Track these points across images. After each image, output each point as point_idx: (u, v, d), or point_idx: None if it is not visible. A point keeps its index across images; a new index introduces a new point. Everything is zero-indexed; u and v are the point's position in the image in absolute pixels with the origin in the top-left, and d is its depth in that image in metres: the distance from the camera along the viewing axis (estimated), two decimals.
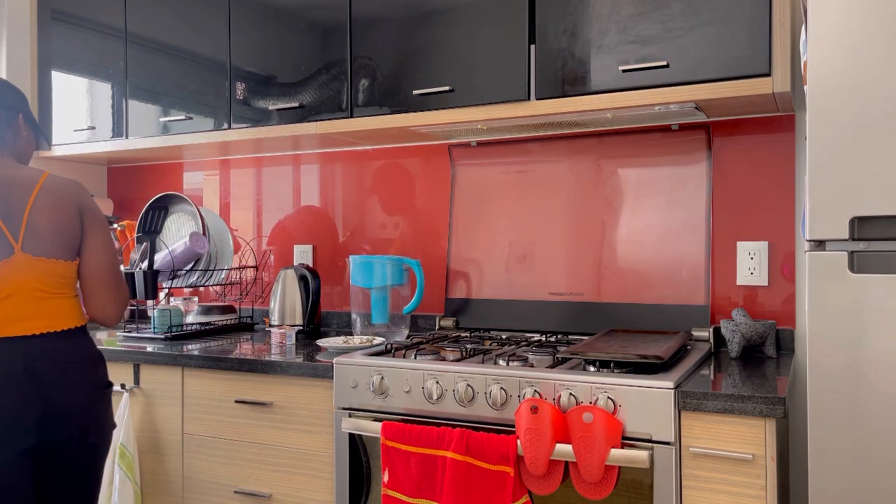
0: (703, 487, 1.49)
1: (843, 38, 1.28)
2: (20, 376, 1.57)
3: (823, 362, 1.30)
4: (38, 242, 1.62)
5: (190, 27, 2.47)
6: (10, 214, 1.60)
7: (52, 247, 1.63)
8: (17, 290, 1.60)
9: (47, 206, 1.64)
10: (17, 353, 1.58)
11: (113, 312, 1.74)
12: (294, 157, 2.75)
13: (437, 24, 2.06)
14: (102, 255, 1.71)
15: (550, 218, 2.27)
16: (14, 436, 1.57)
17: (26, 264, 1.60)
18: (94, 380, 1.69)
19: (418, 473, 1.66)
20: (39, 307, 1.62)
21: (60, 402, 1.61)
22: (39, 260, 1.61)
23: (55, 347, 1.63)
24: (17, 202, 1.62)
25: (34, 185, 1.65)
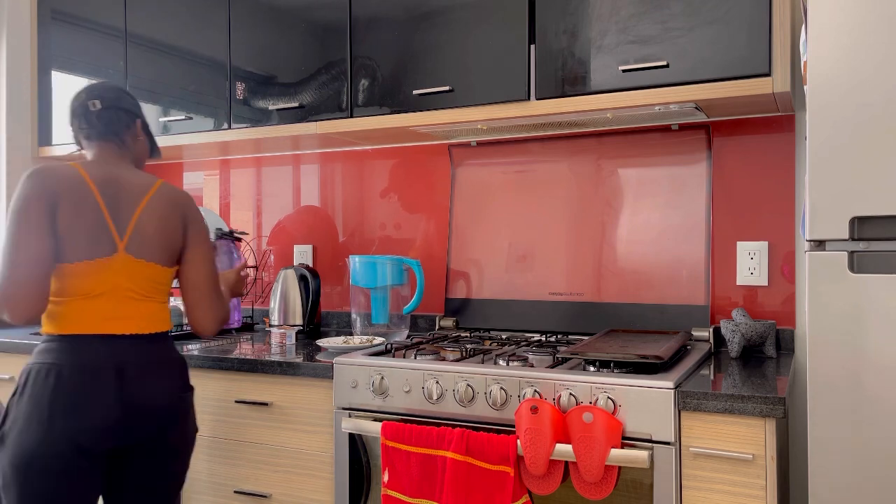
0: (703, 487, 1.49)
1: (842, 37, 1.28)
2: (109, 374, 1.60)
3: (823, 362, 1.29)
4: (142, 245, 1.66)
5: (190, 27, 2.47)
6: (120, 215, 1.66)
7: (154, 251, 1.68)
8: (113, 288, 1.63)
9: (156, 212, 1.69)
10: (107, 352, 1.61)
11: (213, 325, 1.78)
12: (294, 157, 2.75)
13: (437, 24, 2.06)
14: (205, 266, 1.77)
15: (550, 218, 2.27)
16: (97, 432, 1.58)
17: (126, 265, 1.65)
18: (177, 385, 1.71)
19: (418, 473, 1.66)
20: (131, 308, 1.66)
21: (143, 402, 1.64)
22: (139, 262, 1.66)
23: (141, 349, 1.66)
24: (129, 204, 1.67)
25: (148, 190, 1.71)
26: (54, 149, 2.80)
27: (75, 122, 1.75)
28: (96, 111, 1.73)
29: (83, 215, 1.61)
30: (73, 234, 1.60)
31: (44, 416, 1.55)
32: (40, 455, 1.54)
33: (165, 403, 1.67)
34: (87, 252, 1.61)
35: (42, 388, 1.57)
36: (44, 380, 1.57)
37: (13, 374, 2.39)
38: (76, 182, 1.63)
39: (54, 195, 1.60)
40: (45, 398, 1.56)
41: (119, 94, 1.78)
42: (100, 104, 1.73)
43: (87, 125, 1.73)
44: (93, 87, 1.76)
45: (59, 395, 1.56)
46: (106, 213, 1.64)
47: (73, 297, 1.61)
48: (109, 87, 1.78)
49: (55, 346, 1.60)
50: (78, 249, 1.60)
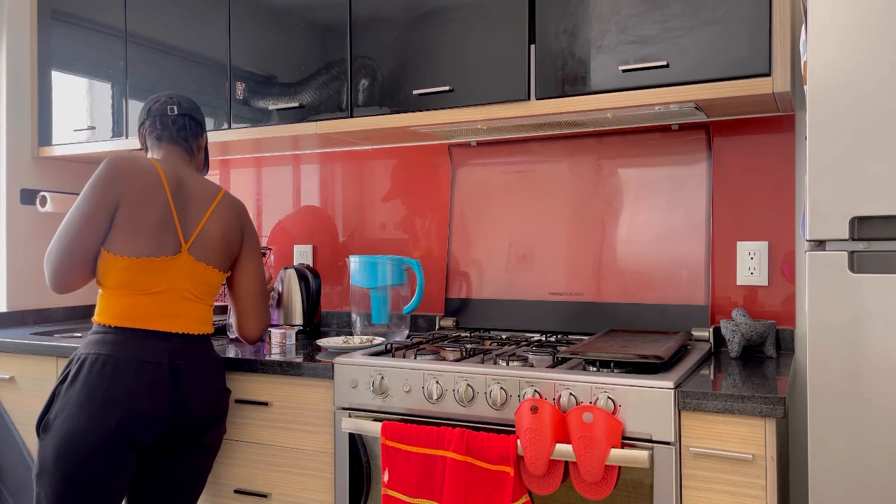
0: (703, 487, 1.49)
1: (843, 38, 1.28)
2: (164, 370, 1.66)
3: (823, 362, 1.29)
4: (204, 249, 1.75)
5: (190, 27, 2.47)
6: (189, 217, 1.74)
7: (215, 256, 1.77)
8: (172, 286, 1.70)
9: (221, 219, 1.79)
10: (164, 349, 1.68)
11: (259, 332, 1.90)
12: (294, 157, 2.75)
13: (437, 24, 2.06)
14: (257, 276, 1.87)
15: (550, 218, 2.27)
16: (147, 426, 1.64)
17: (188, 265, 1.72)
18: (218, 384, 1.78)
19: (418, 473, 1.66)
20: (186, 307, 1.73)
21: (192, 399, 1.70)
22: (199, 265, 1.74)
23: (193, 348, 1.73)
24: (197, 209, 1.76)
25: (215, 197, 1.81)
26: (54, 149, 2.80)
27: (149, 121, 1.83)
28: (173, 115, 1.82)
29: (151, 211, 1.68)
30: (138, 229, 1.66)
31: (97, 405, 1.59)
32: (87, 443, 1.57)
33: (210, 402, 1.74)
34: (153, 249, 1.67)
35: (97, 377, 1.60)
36: (100, 369, 1.61)
37: (13, 374, 2.39)
38: (151, 176, 1.70)
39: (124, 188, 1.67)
40: (100, 387, 1.60)
41: (196, 106, 1.90)
42: (177, 109, 1.83)
43: (161, 127, 1.82)
44: (173, 94, 1.87)
45: (114, 386, 1.60)
46: (175, 214, 1.71)
47: (134, 291, 1.67)
48: (188, 98, 1.89)
49: (111, 339, 1.65)
50: (144, 245, 1.66)
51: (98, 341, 1.65)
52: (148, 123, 1.84)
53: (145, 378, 1.63)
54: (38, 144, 2.85)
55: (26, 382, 2.36)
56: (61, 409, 1.60)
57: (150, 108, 1.84)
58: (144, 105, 1.88)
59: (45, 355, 2.31)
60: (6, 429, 2.40)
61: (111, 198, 1.66)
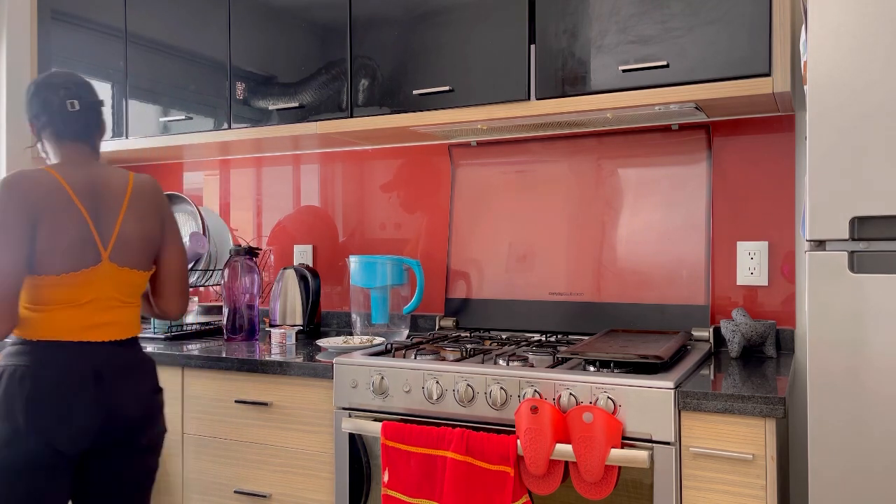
0: (703, 487, 1.49)
1: (843, 38, 1.28)
2: (87, 379, 1.59)
3: (823, 362, 1.29)
4: (125, 253, 1.65)
5: (190, 27, 2.47)
6: (103, 223, 1.63)
7: (136, 258, 1.67)
8: (98, 296, 1.62)
9: (137, 216, 1.68)
10: (87, 359, 1.60)
11: (182, 309, 1.82)
12: (294, 157, 2.75)
13: (437, 24, 2.06)
14: (180, 261, 1.78)
15: (550, 218, 2.27)
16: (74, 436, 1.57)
17: (110, 273, 1.63)
18: (149, 385, 1.71)
19: (418, 473, 1.66)
20: (112, 315, 1.65)
21: (119, 405, 1.63)
22: (123, 270, 1.65)
23: (119, 354, 1.65)
24: (111, 210, 1.65)
25: (125, 191, 1.68)
26: None
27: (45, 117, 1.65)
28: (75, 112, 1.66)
29: (67, 228, 1.57)
30: (57, 247, 1.56)
31: (18, 418, 1.52)
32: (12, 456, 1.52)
33: (140, 406, 1.67)
34: (73, 264, 1.58)
35: (17, 390, 1.53)
36: (18, 382, 1.54)
37: None
38: (56, 192, 1.58)
39: (35, 208, 1.55)
40: (18, 401, 1.53)
41: (93, 92, 1.71)
42: (78, 105, 1.67)
43: (63, 124, 1.66)
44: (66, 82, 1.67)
45: (35, 399, 1.53)
46: (90, 223, 1.60)
47: (55, 305, 1.58)
48: (82, 83, 1.70)
49: (30, 350, 1.57)
50: (62, 261, 1.57)
51: (17, 353, 1.58)
52: (45, 119, 1.66)
53: (68, 389, 1.56)
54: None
55: None
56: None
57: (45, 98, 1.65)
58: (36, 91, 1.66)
59: None
60: None
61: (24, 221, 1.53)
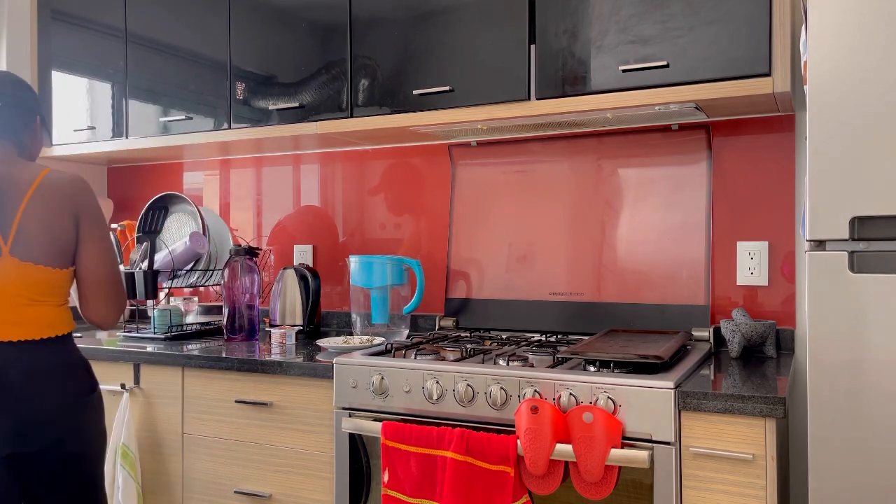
0: (703, 487, 1.49)
1: (842, 38, 1.28)
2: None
3: (823, 362, 1.29)
4: (27, 247, 1.55)
5: (190, 27, 2.47)
6: (4, 216, 1.55)
7: (42, 253, 1.57)
8: (2, 293, 1.54)
9: (40, 210, 1.57)
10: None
11: (109, 318, 1.69)
12: (294, 157, 2.75)
13: (437, 24, 2.06)
14: (101, 264, 1.65)
15: (550, 218, 2.27)
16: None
17: (13, 268, 1.54)
18: (72, 388, 1.61)
19: (418, 473, 1.66)
20: (19, 314, 1.56)
21: (31, 412, 1.55)
22: (26, 265, 1.55)
23: (29, 356, 1.56)
24: (11, 203, 1.56)
25: (30, 185, 1.57)
26: (54, 149, 2.80)
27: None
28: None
29: None
30: None
31: None
32: None
33: (55, 410, 1.57)
34: None
35: None
36: None
37: None
38: None
39: None
40: None
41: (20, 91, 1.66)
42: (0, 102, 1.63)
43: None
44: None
45: None
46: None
47: None
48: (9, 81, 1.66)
49: None
50: None
51: None
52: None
53: None
54: None
55: None
56: None
57: None
58: None
59: None
60: None
61: None
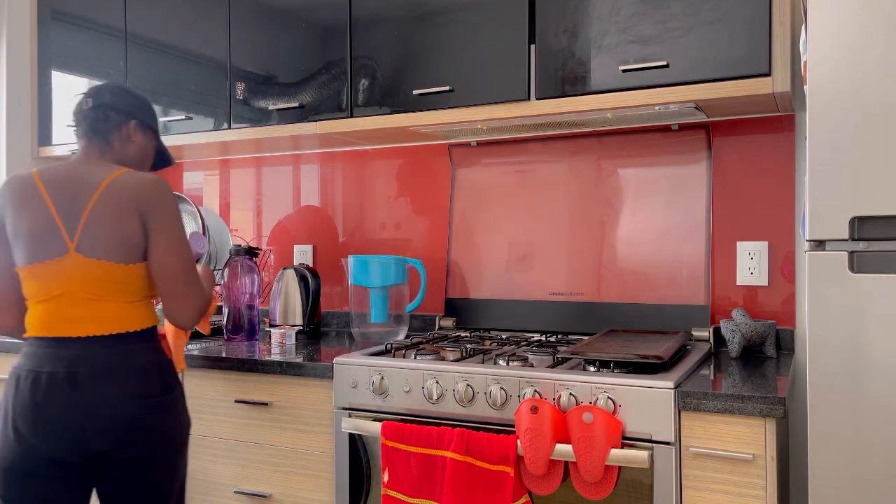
0: (703, 487, 1.49)
1: (842, 38, 1.28)
2: (60, 380, 1.54)
3: (823, 362, 1.29)
4: (94, 244, 1.57)
5: (190, 27, 2.47)
6: (71, 213, 1.58)
7: (107, 250, 1.58)
8: (68, 290, 1.57)
9: (107, 207, 1.59)
10: (60, 358, 1.55)
11: (187, 315, 1.66)
12: (294, 157, 2.75)
13: (437, 24, 2.06)
14: (169, 259, 1.62)
15: (550, 218, 2.27)
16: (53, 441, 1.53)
17: (79, 265, 1.56)
18: (142, 389, 1.59)
19: (418, 473, 1.66)
20: (90, 309, 1.58)
21: (100, 409, 1.55)
22: (92, 262, 1.57)
23: (98, 352, 1.57)
24: (81, 201, 1.59)
25: (100, 185, 1.60)
26: (54, 149, 2.80)
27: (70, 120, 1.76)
28: (86, 109, 1.69)
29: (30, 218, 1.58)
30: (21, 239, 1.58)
31: (8, 424, 1.55)
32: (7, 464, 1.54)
33: (126, 410, 1.57)
34: (38, 254, 1.57)
35: (6, 395, 1.57)
36: (8, 387, 1.57)
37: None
38: (26, 187, 1.61)
39: (4, 206, 1.62)
40: (7, 405, 1.56)
41: (114, 94, 1.72)
42: (91, 102, 1.69)
43: (76, 122, 1.71)
44: (93, 86, 1.75)
45: (17, 403, 1.54)
46: (55, 214, 1.58)
47: (34, 299, 1.59)
48: (108, 87, 1.73)
49: (22, 352, 1.61)
50: (29, 252, 1.58)
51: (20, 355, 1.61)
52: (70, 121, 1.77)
53: (39, 391, 1.53)
54: (38, 144, 2.85)
55: None
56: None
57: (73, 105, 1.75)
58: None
59: None
60: None
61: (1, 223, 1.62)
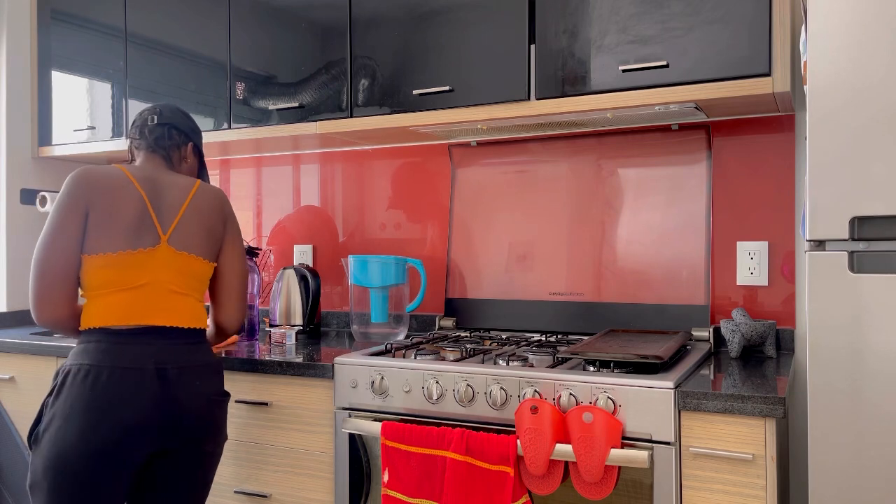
0: (703, 487, 1.49)
1: (843, 38, 1.28)
2: (150, 376, 1.58)
3: (823, 362, 1.29)
4: (185, 239, 1.68)
5: (190, 27, 2.47)
6: (165, 210, 1.68)
7: (197, 245, 1.70)
8: (155, 279, 1.63)
9: (200, 207, 1.73)
10: (146, 351, 1.59)
11: (237, 321, 1.80)
12: (294, 157, 2.75)
13: (437, 24, 2.06)
14: (238, 263, 1.80)
15: (550, 218, 2.27)
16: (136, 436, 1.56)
17: (168, 257, 1.65)
18: (214, 387, 1.70)
19: (418, 473, 1.66)
20: (172, 301, 1.65)
21: (183, 405, 1.61)
22: (181, 255, 1.67)
23: (183, 348, 1.64)
24: (174, 200, 1.70)
25: (191, 189, 1.74)
26: (54, 149, 2.80)
27: (133, 132, 1.83)
28: (152, 125, 1.81)
29: (124, 207, 1.63)
30: (112, 225, 1.61)
31: (82, 419, 1.53)
32: (74, 460, 1.52)
33: (204, 408, 1.65)
34: (129, 242, 1.62)
35: (80, 389, 1.55)
36: (82, 381, 1.55)
37: (13, 374, 2.38)
38: (117, 178, 1.66)
39: (91, 193, 1.63)
40: (83, 400, 1.54)
41: (178, 115, 1.85)
42: (157, 119, 1.81)
43: (139, 136, 1.81)
44: (158, 104, 1.86)
45: (97, 398, 1.54)
46: (149, 206, 1.66)
47: (115, 288, 1.60)
48: (172, 108, 1.86)
49: (93, 347, 1.58)
50: (120, 239, 1.61)
51: (81, 351, 1.59)
52: (131, 133, 1.84)
53: (129, 387, 1.55)
54: (38, 144, 2.85)
55: (26, 382, 2.36)
56: (49, 423, 1.55)
57: (135, 120, 1.85)
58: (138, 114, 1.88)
59: (45, 355, 2.31)
60: (6, 429, 2.40)
61: (79, 206, 1.61)
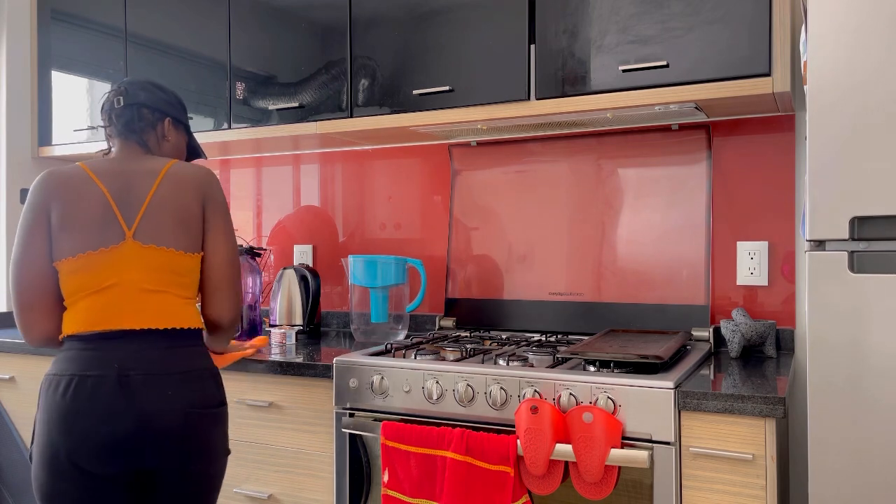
0: (703, 487, 1.49)
1: (843, 38, 1.28)
2: (112, 384, 1.42)
3: (823, 362, 1.29)
4: (153, 230, 1.50)
5: (190, 27, 2.47)
6: (130, 202, 1.51)
7: (167, 235, 1.50)
8: (123, 279, 1.47)
9: (169, 193, 1.53)
10: (112, 358, 1.43)
11: (229, 313, 1.59)
12: (294, 157, 2.75)
13: (437, 24, 2.06)
14: (223, 249, 1.58)
15: (550, 218, 2.27)
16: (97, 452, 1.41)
17: (136, 252, 1.48)
18: (196, 397, 1.49)
19: (418, 473, 1.66)
20: (144, 300, 1.47)
21: (152, 417, 1.43)
22: (150, 248, 1.49)
23: (154, 353, 1.46)
24: (140, 191, 1.52)
25: (158, 174, 1.54)
26: (54, 149, 2.80)
27: (103, 119, 1.65)
28: (119, 109, 1.62)
29: (85, 206, 1.49)
30: (73, 228, 1.48)
31: (51, 433, 1.42)
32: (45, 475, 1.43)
33: (179, 421, 1.45)
34: (92, 243, 1.47)
35: (52, 400, 1.44)
36: (53, 392, 1.44)
37: (13, 374, 2.38)
38: (76, 178, 1.52)
39: (50, 198, 1.50)
40: (52, 411, 1.43)
41: (146, 90, 1.65)
42: (123, 101, 1.62)
43: (109, 122, 1.63)
44: (123, 81, 1.67)
45: (65, 407, 1.42)
46: (112, 202, 1.50)
47: (85, 293, 1.46)
48: (139, 82, 1.66)
49: (63, 355, 1.48)
50: (81, 241, 1.47)
51: (55, 361, 1.48)
52: (102, 120, 1.65)
53: (89, 395, 1.41)
54: (38, 144, 2.85)
55: (26, 382, 2.36)
56: (33, 437, 1.47)
57: (102, 103, 1.63)
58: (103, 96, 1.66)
59: (45, 355, 2.31)
60: (6, 429, 2.40)
61: (41, 214, 1.49)
